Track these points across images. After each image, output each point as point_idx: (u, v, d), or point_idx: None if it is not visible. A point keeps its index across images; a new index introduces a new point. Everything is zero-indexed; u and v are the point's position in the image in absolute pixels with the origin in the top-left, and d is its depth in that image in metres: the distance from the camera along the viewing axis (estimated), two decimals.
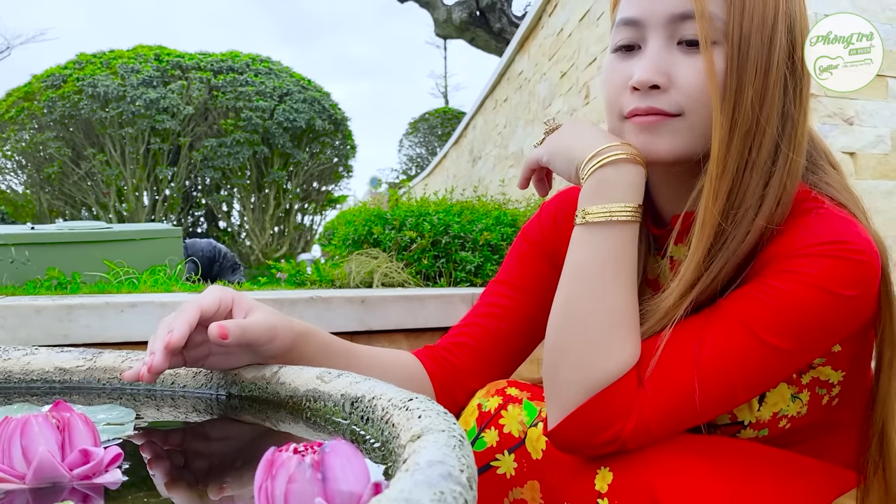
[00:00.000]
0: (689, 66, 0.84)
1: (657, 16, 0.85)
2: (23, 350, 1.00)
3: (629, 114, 0.87)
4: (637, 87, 0.85)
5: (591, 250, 0.86)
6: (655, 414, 0.80)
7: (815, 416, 0.91)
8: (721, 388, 0.81)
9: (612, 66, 0.90)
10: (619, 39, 0.89)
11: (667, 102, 0.84)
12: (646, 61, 0.85)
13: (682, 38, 0.84)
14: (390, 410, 0.63)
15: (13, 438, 0.52)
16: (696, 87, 0.83)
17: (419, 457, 0.44)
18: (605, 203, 0.85)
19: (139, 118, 6.52)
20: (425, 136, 21.71)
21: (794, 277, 0.79)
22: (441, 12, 12.96)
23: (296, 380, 0.84)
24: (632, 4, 0.88)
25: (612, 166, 0.85)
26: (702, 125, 0.85)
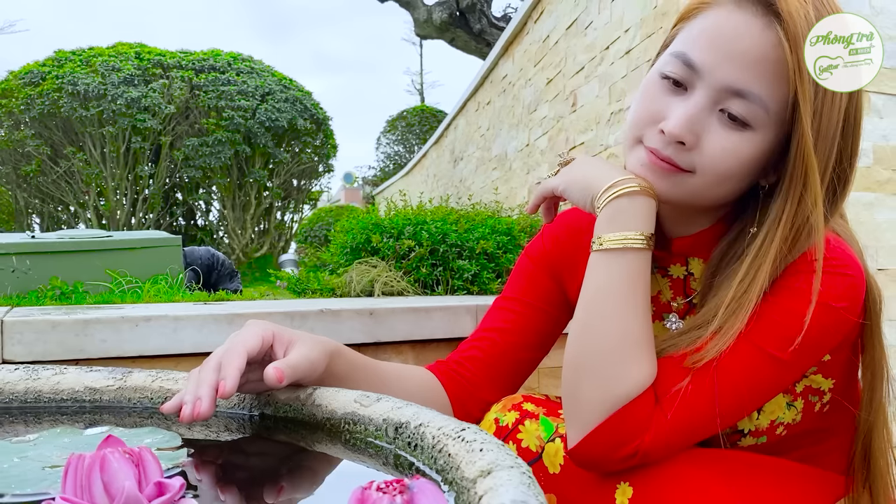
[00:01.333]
0: (720, 138, 0.86)
1: (715, 77, 0.86)
2: (52, 370, 1.01)
3: (648, 148, 0.90)
4: (664, 133, 0.87)
5: (609, 275, 0.90)
6: (673, 429, 0.85)
7: (808, 422, 0.96)
8: (732, 401, 0.86)
9: (653, 92, 0.92)
10: (671, 70, 0.90)
11: (685, 160, 0.88)
12: (683, 116, 0.86)
13: (726, 109, 0.86)
14: (443, 440, 0.65)
15: (92, 474, 0.54)
16: (717, 158, 0.86)
17: (500, 496, 0.47)
18: (620, 231, 0.89)
19: (120, 117, 6.44)
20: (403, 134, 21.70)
21: (792, 294, 0.85)
22: (421, 12, 12.95)
23: (332, 402, 0.86)
24: (698, 47, 0.88)
25: (627, 197, 0.89)
26: (705, 189, 0.89)
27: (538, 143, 4.62)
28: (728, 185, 0.90)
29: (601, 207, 0.91)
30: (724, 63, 0.85)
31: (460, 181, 8.13)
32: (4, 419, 0.93)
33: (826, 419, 0.99)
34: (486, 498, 0.48)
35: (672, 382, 0.86)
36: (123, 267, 2.03)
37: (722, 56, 0.85)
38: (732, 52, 0.85)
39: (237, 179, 7.52)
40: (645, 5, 2.71)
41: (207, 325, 1.40)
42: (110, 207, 6.69)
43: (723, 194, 0.91)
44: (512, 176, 5.39)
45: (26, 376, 0.99)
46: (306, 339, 0.94)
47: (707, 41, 0.87)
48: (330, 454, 0.81)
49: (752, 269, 0.87)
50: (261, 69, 7.72)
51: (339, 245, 2.35)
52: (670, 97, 0.90)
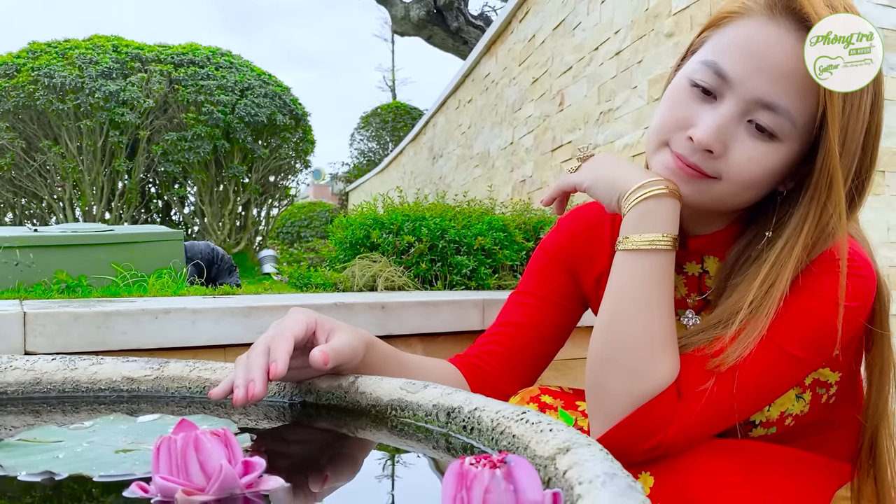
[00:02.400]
0: (747, 148, 0.89)
1: (746, 88, 0.88)
2: (88, 360, 1.02)
3: (675, 153, 0.92)
4: (692, 140, 0.90)
5: (636, 275, 0.92)
6: (695, 423, 0.89)
7: (815, 414, 1.01)
8: (752, 398, 0.90)
9: (682, 98, 0.93)
10: (701, 79, 0.91)
11: (711, 167, 0.90)
12: (712, 125, 0.88)
13: (754, 120, 0.88)
14: (504, 422, 0.69)
15: (187, 454, 0.56)
16: (743, 167, 0.89)
17: (589, 470, 0.50)
18: (648, 233, 0.91)
19: (98, 110, 6.35)
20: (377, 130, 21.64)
21: (809, 294, 0.89)
22: (399, 9, 12.96)
23: (377, 390, 0.89)
24: (730, 58, 0.89)
25: (655, 200, 0.91)
26: (728, 196, 0.92)
27: (523, 142, 4.66)
28: (751, 192, 0.93)
29: (629, 208, 0.92)
30: (756, 75, 0.87)
31: (440, 178, 8.17)
32: (43, 408, 0.94)
33: (831, 410, 1.04)
34: (571, 472, 0.52)
35: (695, 380, 0.89)
36: (126, 261, 2.02)
37: (754, 68, 0.87)
38: (764, 65, 0.87)
39: (215, 174, 7.46)
40: (636, 8, 2.77)
41: (225, 318, 1.41)
42: (86, 202, 6.59)
43: (744, 201, 0.94)
44: (495, 174, 5.44)
45: (63, 366, 1.00)
46: (346, 328, 0.96)
47: (740, 52, 0.88)
48: (373, 439, 0.84)
49: (772, 273, 0.90)
50: (240, 64, 7.67)
51: (337, 240, 2.37)
52: (699, 105, 0.91)
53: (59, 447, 0.70)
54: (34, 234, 2.01)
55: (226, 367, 1.01)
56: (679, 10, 2.39)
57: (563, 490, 0.51)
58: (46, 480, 0.61)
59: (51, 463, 0.64)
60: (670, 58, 2.48)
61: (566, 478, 0.52)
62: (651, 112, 2.70)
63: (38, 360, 1.01)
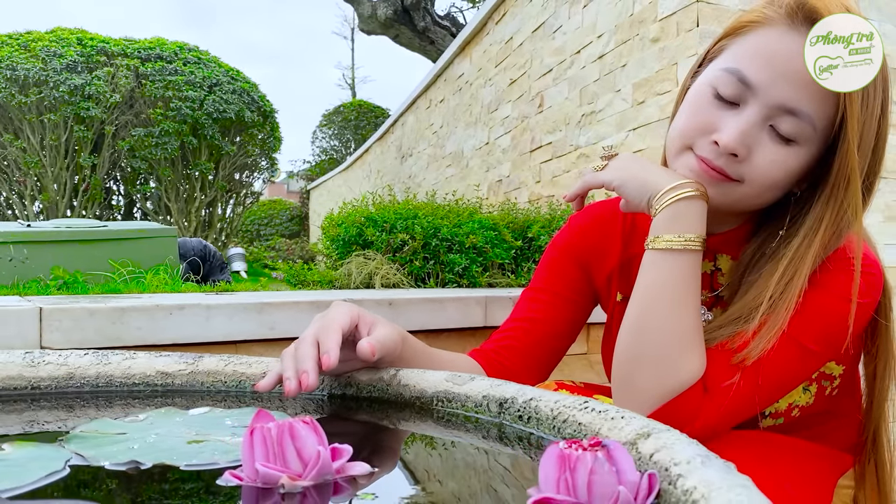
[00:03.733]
0: (770, 152, 0.92)
1: (770, 95, 0.91)
2: (122, 355, 1.02)
3: (699, 156, 0.96)
4: (718, 144, 0.93)
5: (667, 273, 0.96)
6: (720, 415, 0.93)
7: (819, 405, 1.06)
8: (770, 389, 0.95)
9: (704, 104, 0.97)
10: (723, 87, 0.94)
11: (735, 170, 0.94)
12: (738, 130, 0.92)
13: (776, 125, 0.92)
14: (566, 411, 0.71)
15: (284, 441, 0.58)
16: (765, 171, 0.93)
17: (679, 452, 0.53)
18: (681, 233, 0.95)
19: (62, 105, 6.19)
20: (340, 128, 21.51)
21: (824, 291, 0.94)
22: (366, 7, 12.92)
23: (420, 382, 0.91)
24: (754, 66, 0.92)
25: (687, 201, 0.94)
26: (751, 197, 0.96)
27: (499, 142, 4.70)
28: (770, 194, 0.97)
29: (662, 208, 0.95)
30: (779, 82, 0.90)
31: (409, 177, 8.17)
32: (76, 403, 0.94)
33: (833, 402, 1.09)
34: (659, 455, 0.55)
35: (720, 375, 0.93)
36: (121, 257, 2.00)
37: (777, 75, 0.90)
38: (787, 72, 0.90)
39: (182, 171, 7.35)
40: (620, 13, 2.83)
41: (238, 313, 1.42)
42: (48, 197, 6.42)
43: (764, 202, 0.99)
44: (469, 173, 5.47)
45: (97, 361, 1.00)
46: (385, 322, 0.98)
47: (762, 60, 0.92)
48: (417, 431, 0.86)
49: (790, 268, 0.94)
50: (208, 59, 7.56)
51: (330, 238, 2.38)
52: (722, 110, 0.95)
53: (126, 439, 0.70)
54: (28, 229, 1.97)
55: (261, 361, 1.01)
56: (665, 15, 2.45)
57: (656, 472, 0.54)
58: (132, 470, 0.61)
59: (128, 453, 0.65)
60: (656, 62, 2.55)
61: (654, 461, 0.55)
62: (635, 115, 2.76)
63: (70, 354, 1.01)
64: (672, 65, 2.44)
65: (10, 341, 1.22)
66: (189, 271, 2.55)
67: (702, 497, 0.45)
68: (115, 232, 2.13)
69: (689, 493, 0.46)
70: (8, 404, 0.92)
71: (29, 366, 0.97)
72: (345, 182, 14.10)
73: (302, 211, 19.72)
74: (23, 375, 0.97)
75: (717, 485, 0.45)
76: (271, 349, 1.53)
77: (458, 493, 0.61)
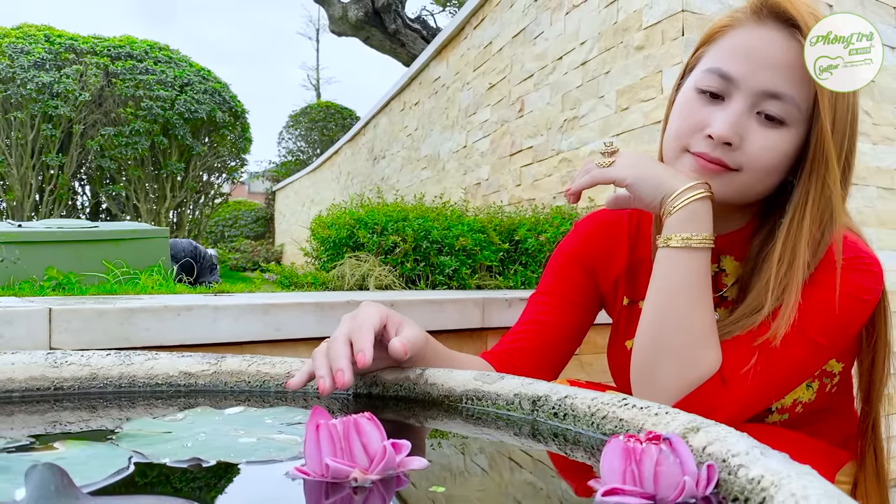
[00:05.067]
0: (761, 136, 0.98)
1: (751, 84, 0.97)
2: (144, 355, 1.02)
3: (696, 153, 1.01)
4: (712, 137, 0.98)
5: (682, 270, 1.00)
6: (740, 405, 0.97)
7: (819, 401, 1.11)
8: (783, 382, 0.99)
9: (692, 105, 1.03)
10: (708, 85, 1.01)
11: (732, 159, 0.99)
12: (727, 120, 0.97)
13: (763, 111, 0.98)
14: (604, 408, 0.74)
15: (350, 437, 0.59)
16: (761, 155, 0.98)
17: (732, 445, 0.56)
18: (698, 232, 0.99)
19: (30, 102, 6.06)
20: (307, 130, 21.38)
21: (832, 288, 0.99)
22: (336, 9, 12.89)
23: (448, 381, 0.93)
24: (733, 62, 0.99)
25: (701, 202, 0.99)
26: (752, 184, 1.01)
27: (478, 146, 4.74)
28: (770, 178, 1.01)
29: (678, 208, 0.98)
30: (759, 70, 0.97)
31: (381, 179, 8.17)
32: (99, 403, 0.94)
33: (832, 398, 1.14)
34: (713, 447, 0.58)
35: (737, 365, 0.98)
36: (113, 258, 1.97)
37: (755, 65, 0.97)
38: (763, 60, 0.97)
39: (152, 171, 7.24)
40: (604, 20, 2.88)
41: (244, 314, 1.42)
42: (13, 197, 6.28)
43: (765, 188, 1.03)
44: (445, 176, 5.49)
45: (119, 362, 1.00)
46: (412, 323, 1.00)
47: (739, 55, 0.99)
48: (446, 429, 0.88)
49: (787, 246, 0.99)
50: (179, 59, 7.46)
51: (320, 239, 2.38)
52: (709, 107, 1.00)
53: (175, 437, 0.71)
54: (19, 229, 1.93)
55: (284, 362, 1.02)
56: (650, 24, 2.51)
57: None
58: (194, 466, 0.62)
59: (185, 451, 0.65)
60: (640, 70, 2.60)
61: (708, 453, 0.58)
62: (619, 121, 2.81)
63: (93, 355, 1.01)
64: (657, 72, 2.49)
65: (20, 342, 1.21)
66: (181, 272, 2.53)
67: (771, 484, 0.48)
68: (108, 233, 2.10)
69: (757, 482, 0.49)
70: (31, 405, 0.92)
71: (52, 366, 0.97)
72: (312, 184, 14.01)
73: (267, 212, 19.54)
74: (46, 376, 0.96)
75: (785, 473, 0.48)
76: (276, 350, 1.54)
77: (510, 483, 0.63)
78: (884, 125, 3.25)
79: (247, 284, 2.14)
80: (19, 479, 0.56)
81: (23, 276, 1.80)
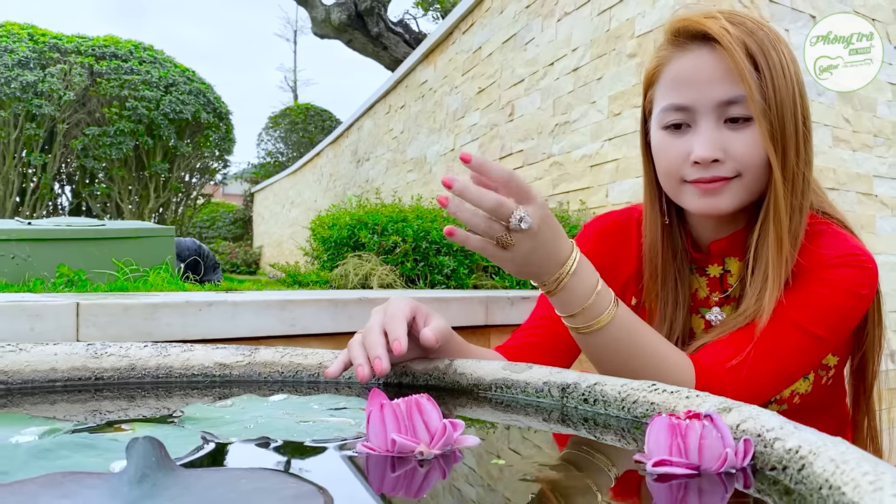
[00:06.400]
0: (739, 140, 1.04)
1: (707, 102, 1.04)
2: (180, 347, 1.06)
3: (693, 181, 1.07)
4: (699, 162, 1.05)
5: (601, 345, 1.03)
6: (746, 397, 1.03)
7: (815, 394, 1.18)
8: (787, 373, 1.06)
9: (667, 142, 1.09)
10: (670, 120, 1.08)
11: (726, 170, 1.05)
12: (704, 141, 1.04)
13: (729, 117, 1.04)
14: (634, 393, 0.79)
15: (413, 416, 0.64)
16: (748, 154, 1.04)
17: (765, 421, 0.61)
18: (590, 318, 1.00)
19: (13, 101, 6.01)
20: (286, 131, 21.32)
21: (831, 283, 1.05)
22: (319, 12, 12.90)
23: (477, 371, 0.97)
24: (680, 93, 1.06)
25: (571, 276, 0.98)
26: (754, 182, 1.07)
27: (467, 149, 4.80)
28: (767, 172, 1.06)
29: (552, 293, 0.99)
30: (705, 89, 1.04)
31: (366, 181, 8.20)
32: (137, 393, 0.98)
33: (827, 391, 1.21)
34: (747, 425, 0.63)
35: (729, 357, 1.03)
36: (120, 256, 1.99)
37: (700, 86, 1.04)
38: (705, 78, 1.04)
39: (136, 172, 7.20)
40: (596, 28, 2.95)
41: (262, 310, 1.46)
42: None
43: (766, 183, 1.08)
44: (432, 178, 5.54)
45: (156, 353, 1.04)
46: (438, 315, 1.05)
47: (683, 84, 1.06)
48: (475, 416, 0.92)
49: (765, 232, 1.06)
50: (163, 59, 7.44)
51: (321, 239, 2.42)
52: (682, 137, 1.08)
53: (233, 420, 0.75)
54: (29, 227, 1.94)
55: (316, 353, 1.06)
56: (643, 32, 2.58)
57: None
58: (263, 445, 0.66)
59: (249, 432, 0.69)
60: (633, 76, 2.68)
61: (742, 430, 0.63)
62: (611, 126, 2.88)
63: (131, 346, 1.04)
64: None
65: (49, 335, 1.24)
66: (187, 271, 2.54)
67: (810, 453, 0.53)
68: (116, 231, 2.12)
69: (795, 451, 0.55)
70: (73, 394, 0.95)
71: (93, 357, 1.00)
72: (293, 185, 13.98)
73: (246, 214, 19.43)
74: (87, 366, 1.00)
75: (822, 442, 0.53)
76: (291, 345, 1.58)
77: (560, 457, 0.68)
78: (863, 132, 3.35)
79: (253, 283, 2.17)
80: (109, 455, 0.60)
81: (34, 274, 1.82)
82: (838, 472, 0.48)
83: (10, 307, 1.20)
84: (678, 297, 1.20)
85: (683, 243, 1.22)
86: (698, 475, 0.58)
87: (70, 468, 0.56)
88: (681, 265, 1.21)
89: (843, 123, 3.14)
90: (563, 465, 0.66)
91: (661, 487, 0.57)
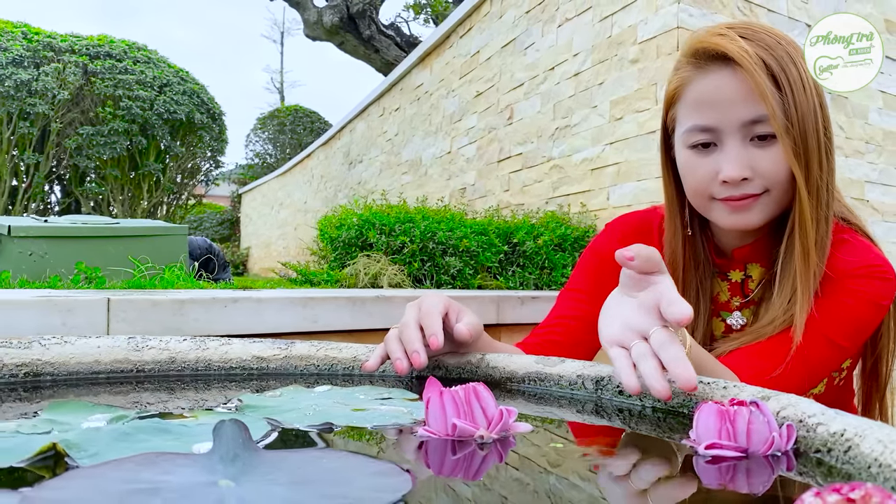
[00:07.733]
0: (766, 158, 1.07)
1: (732, 123, 1.07)
2: (218, 341, 1.09)
3: (723, 199, 1.10)
4: (728, 182, 1.08)
5: None
6: None
7: (827, 395, 1.22)
8: (812, 382, 1.10)
9: (694, 161, 1.12)
10: (696, 140, 1.10)
11: (755, 187, 1.09)
12: (732, 161, 1.07)
13: (755, 135, 1.07)
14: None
15: (471, 402, 0.67)
16: (776, 171, 1.08)
17: (808, 408, 0.65)
18: None
19: (6, 100, 5.98)
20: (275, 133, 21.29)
21: (855, 294, 1.10)
22: (311, 13, 12.93)
23: (510, 364, 1.01)
24: (704, 115, 1.09)
25: None
26: (782, 196, 1.11)
27: (463, 152, 4.83)
28: (794, 185, 1.09)
29: None
30: (728, 110, 1.07)
31: (358, 183, 8.22)
32: (176, 386, 1.00)
33: (837, 391, 1.25)
34: (787, 411, 0.67)
35: (768, 370, 1.07)
36: (135, 254, 2.01)
37: (723, 107, 1.07)
38: (727, 99, 1.06)
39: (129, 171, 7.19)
40: (598, 34, 2.99)
41: (286, 307, 1.48)
42: None
43: (792, 196, 1.12)
44: (427, 181, 5.58)
45: (195, 346, 1.06)
46: (469, 311, 1.08)
47: (706, 105, 1.08)
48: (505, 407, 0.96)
49: (797, 232, 1.08)
50: (158, 59, 7.43)
51: (329, 239, 2.44)
52: (710, 157, 1.10)
53: (290, 409, 0.77)
54: (46, 224, 1.95)
55: (350, 347, 1.10)
56: (645, 39, 2.63)
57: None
58: (326, 430, 0.69)
59: (309, 418, 0.72)
60: (635, 82, 2.72)
61: (783, 416, 0.67)
62: (612, 130, 2.93)
63: (170, 340, 1.07)
64: (652, 84, 2.61)
65: (81, 330, 1.26)
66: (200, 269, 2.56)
67: (855, 435, 0.57)
68: (131, 229, 2.13)
69: (840, 434, 0.58)
70: (115, 386, 0.98)
71: (134, 350, 1.03)
72: (282, 187, 13.96)
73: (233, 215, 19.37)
74: (129, 359, 1.02)
75: (866, 425, 0.57)
76: None
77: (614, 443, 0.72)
78: (855, 139, 3.42)
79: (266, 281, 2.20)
80: (185, 439, 0.63)
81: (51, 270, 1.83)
82: (888, 452, 0.51)
83: (42, 302, 1.22)
84: (700, 305, 1.23)
85: (706, 252, 1.25)
86: (746, 458, 0.62)
87: (153, 450, 0.58)
88: (703, 275, 1.24)
89: (837, 130, 3.21)
90: (615, 447, 0.70)
91: (712, 468, 0.61)
